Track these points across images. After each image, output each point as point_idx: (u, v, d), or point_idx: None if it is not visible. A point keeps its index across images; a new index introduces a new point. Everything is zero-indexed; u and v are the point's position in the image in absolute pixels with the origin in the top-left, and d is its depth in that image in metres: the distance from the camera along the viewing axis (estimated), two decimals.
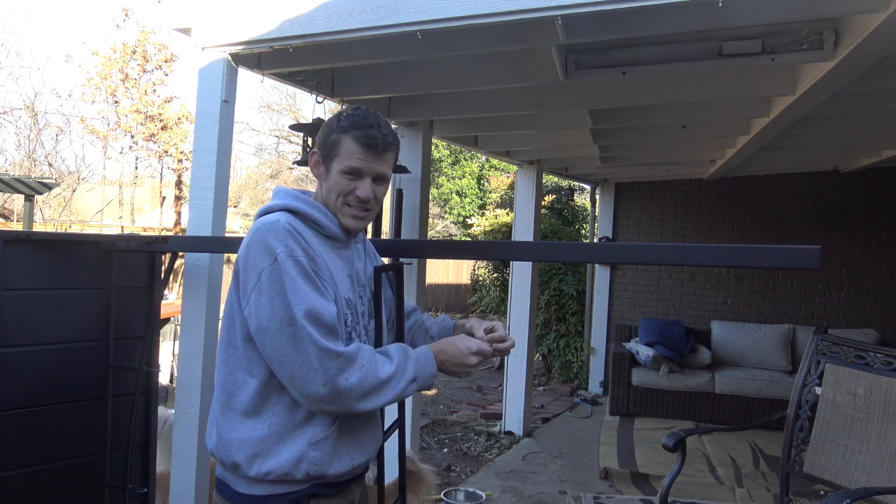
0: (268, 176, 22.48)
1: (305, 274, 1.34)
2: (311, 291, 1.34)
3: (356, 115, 1.45)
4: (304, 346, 1.30)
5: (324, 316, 1.33)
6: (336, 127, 1.45)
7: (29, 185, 8.11)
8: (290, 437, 1.38)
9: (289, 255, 1.33)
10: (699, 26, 2.22)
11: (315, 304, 1.33)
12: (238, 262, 1.41)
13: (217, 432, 1.42)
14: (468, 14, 2.05)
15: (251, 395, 1.39)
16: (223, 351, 1.45)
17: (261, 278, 1.33)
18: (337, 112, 1.50)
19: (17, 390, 2.18)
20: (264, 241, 1.35)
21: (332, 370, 1.31)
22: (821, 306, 6.35)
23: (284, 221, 1.38)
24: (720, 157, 5.18)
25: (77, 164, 17.25)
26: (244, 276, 1.37)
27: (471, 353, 1.47)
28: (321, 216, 1.45)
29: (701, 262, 1.60)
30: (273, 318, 1.31)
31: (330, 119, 1.48)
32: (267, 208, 1.47)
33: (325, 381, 1.30)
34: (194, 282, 2.47)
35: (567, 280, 7.27)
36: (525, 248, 2.87)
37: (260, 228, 1.38)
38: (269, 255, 1.33)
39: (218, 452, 1.42)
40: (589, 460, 4.75)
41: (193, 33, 2.49)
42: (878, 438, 2.61)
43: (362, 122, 1.43)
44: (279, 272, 1.32)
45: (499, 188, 13.66)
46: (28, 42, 24.69)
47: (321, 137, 1.48)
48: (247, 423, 1.39)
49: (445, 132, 4.35)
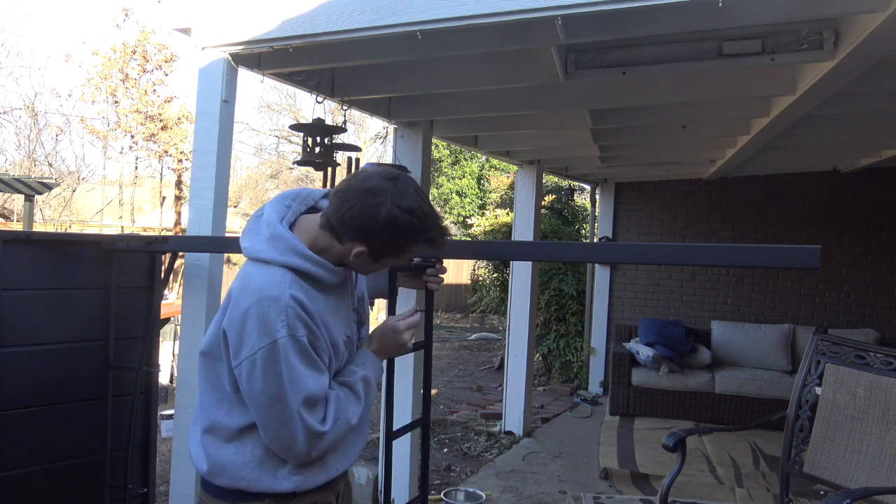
0: (268, 176, 22.48)
1: (305, 353, 1.32)
2: (309, 374, 1.32)
3: (426, 221, 1.35)
4: (294, 424, 1.32)
5: (317, 395, 1.34)
6: (409, 237, 1.34)
7: (29, 185, 8.12)
8: (273, 464, 1.39)
9: (290, 335, 1.29)
10: (699, 26, 2.22)
11: (311, 388, 1.32)
12: (232, 320, 1.33)
13: (206, 455, 1.43)
14: (468, 14, 2.04)
15: (236, 426, 1.40)
16: (209, 376, 1.44)
17: (256, 354, 1.29)
18: (399, 215, 1.31)
19: (17, 390, 2.18)
20: (265, 318, 1.29)
21: (314, 444, 1.35)
22: (821, 306, 6.35)
23: (288, 297, 1.30)
24: (720, 157, 5.18)
25: (77, 164, 17.26)
26: (237, 341, 1.32)
27: (401, 333, 1.52)
28: (326, 274, 1.38)
29: (701, 262, 1.60)
30: (264, 393, 1.31)
31: (395, 224, 1.31)
32: (263, 257, 1.35)
33: (307, 451, 1.35)
34: (194, 282, 2.47)
35: (567, 280, 7.27)
36: (525, 248, 2.87)
37: (261, 300, 1.29)
38: (268, 335, 1.28)
39: (209, 476, 1.44)
40: (589, 460, 4.75)
41: (193, 33, 2.49)
42: (878, 438, 2.60)
43: (433, 230, 1.37)
44: (277, 354, 1.28)
45: (499, 188, 13.66)
46: (28, 42, 24.68)
47: (382, 241, 1.34)
48: (229, 446, 1.41)
49: (445, 132, 4.35)
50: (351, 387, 1.44)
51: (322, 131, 3.05)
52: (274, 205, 1.43)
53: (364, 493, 3.74)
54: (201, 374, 1.46)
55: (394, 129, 3.83)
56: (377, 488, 3.79)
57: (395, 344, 1.54)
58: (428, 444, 1.90)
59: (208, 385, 1.44)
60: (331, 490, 1.51)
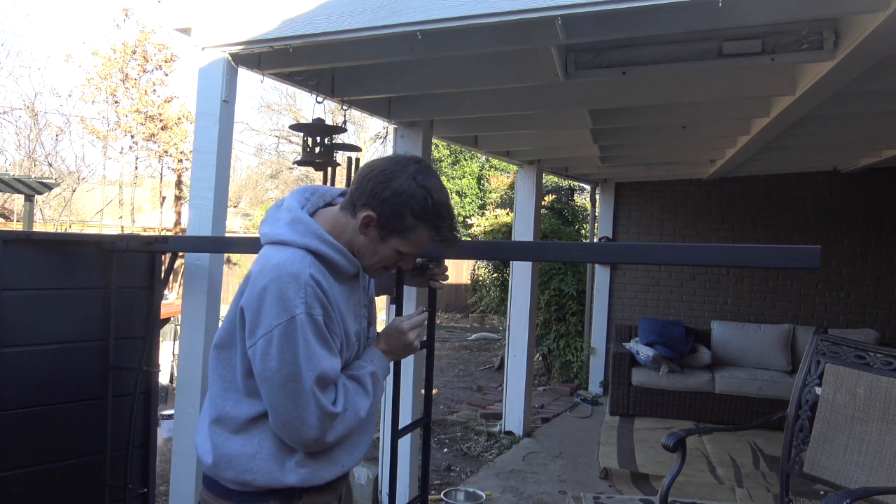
0: (268, 176, 22.49)
1: (320, 333, 1.32)
2: (324, 354, 1.33)
3: (439, 207, 1.36)
4: (306, 405, 1.31)
5: (330, 376, 1.35)
6: (418, 211, 1.35)
7: (29, 185, 8.12)
8: (280, 456, 1.39)
9: (307, 312, 1.30)
10: (699, 26, 2.21)
11: (325, 368, 1.33)
12: (249, 298, 1.33)
13: (212, 447, 1.42)
14: (468, 14, 2.04)
15: (244, 416, 1.40)
16: (219, 366, 1.44)
17: (273, 331, 1.29)
18: (413, 187, 1.34)
19: (17, 390, 2.18)
20: (283, 294, 1.29)
21: (326, 428, 1.34)
22: (821, 306, 6.35)
23: (307, 275, 1.31)
24: (720, 157, 5.18)
25: (77, 164, 17.28)
26: (254, 319, 1.32)
27: (406, 333, 1.54)
28: (343, 261, 1.39)
29: (701, 262, 1.60)
30: (279, 372, 1.30)
31: (407, 192, 1.34)
32: (284, 239, 1.37)
33: (318, 437, 1.34)
34: (194, 282, 2.46)
35: (567, 280, 7.27)
36: (525, 248, 2.87)
37: (281, 277, 1.30)
38: (287, 311, 1.29)
39: (214, 469, 1.42)
40: (589, 460, 4.75)
41: (193, 33, 2.49)
42: (878, 438, 2.61)
43: (444, 219, 1.37)
44: (294, 331, 1.29)
45: (499, 188, 13.66)
46: (28, 42, 24.72)
47: (391, 208, 1.35)
48: (236, 438, 1.40)
49: (445, 132, 4.35)
50: (360, 380, 1.44)
51: (322, 131, 3.05)
52: (295, 195, 1.46)
53: (364, 494, 3.74)
54: (212, 367, 1.46)
55: (394, 129, 3.83)
56: (377, 488, 3.79)
57: (400, 344, 1.55)
58: (429, 443, 1.90)
59: (217, 376, 1.44)
60: (334, 492, 1.51)
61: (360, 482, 3.73)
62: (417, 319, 1.56)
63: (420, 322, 1.57)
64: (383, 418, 3.81)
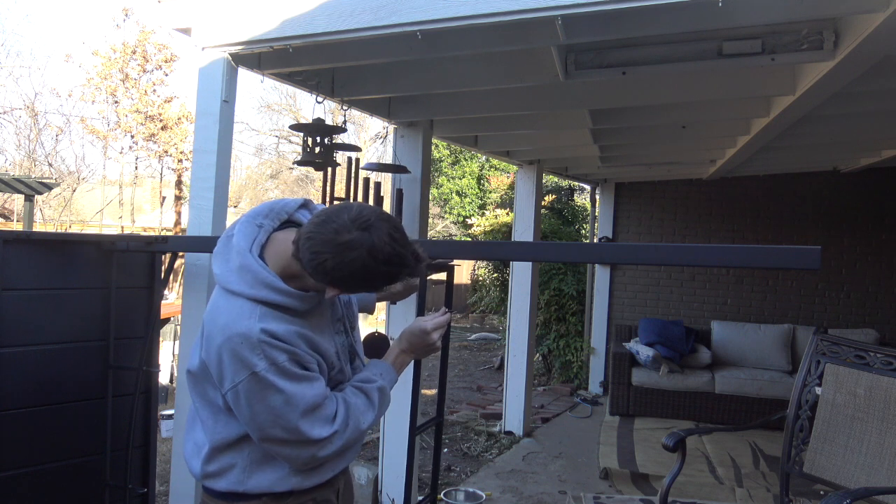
0: (268, 176, 22.48)
1: (290, 374, 1.29)
2: (304, 388, 1.31)
3: (391, 264, 1.27)
4: (295, 439, 1.32)
5: (318, 401, 1.33)
6: (373, 280, 1.29)
7: (29, 185, 8.12)
8: (269, 466, 1.40)
9: (269, 364, 1.26)
10: (699, 26, 2.22)
11: (309, 399, 1.31)
12: (208, 353, 1.32)
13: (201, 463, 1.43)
14: (468, 14, 2.04)
15: (235, 435, 1.40)
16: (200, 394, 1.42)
17: (238, 386, 1.28)
18: (357, 261, 1.24)
19: (16, 390, 2.18)
20: (238, 355, 1.27)
21: (320, 450, 1.35)
22: (821, 306, 6.35)
23: (257, 331, 1.26)
24: (720, 157, 5.18)
25: (77, 164, 17.25)
26: (218, 373, 1.31)
27: (430, 333, 1.54)
28: (297, 303, 1.33)
29: (701, 262, 1.60)
30: (254, 420, 1.31)
31: (354, 268, 1.24)
32: (232, 289, 1.31)
33: (314, 455, 1.36)
34: (194, 282, 2.46)
35: (567, 280, 7.27)
36: (525, 248, 2.87)
37: (231, 338, 1.27)
38: (246, 368, 1.27)
39: (204, 481, 1.44)
40: (589, 460, 4.75)
41: (193, 33, 2.49)
42: (878, 438, 2.61)
43: (402, 268, 1.29)
44: (259, 383, 1.27)
45: (499, 188, 13.65)
46: (28, 42, 24.68)
47: (342, 280, 1.27)
48: (226, 455, 1.41)
49: (445, 132, 4.35)
50: (368, 394, 1.45)
51: (322, 131, 3.05)
52: (245, 226, 1.38)
53: (364, 493, 3.74)
54: (192, 389, 1.43)
55: (394, 129, 3.83)
56: (377, 488, 3.79)
57: (423, 344, 1.55)
58: (440, 441, 1.91)
59: (203, 401, 1.42)
60: (331, 487, 1.51)
61: (359, 482, 3.73)
62: (441, 320, 1.55)
63: (444, 322, 1.56)
64: (384, 418, 3.80)
